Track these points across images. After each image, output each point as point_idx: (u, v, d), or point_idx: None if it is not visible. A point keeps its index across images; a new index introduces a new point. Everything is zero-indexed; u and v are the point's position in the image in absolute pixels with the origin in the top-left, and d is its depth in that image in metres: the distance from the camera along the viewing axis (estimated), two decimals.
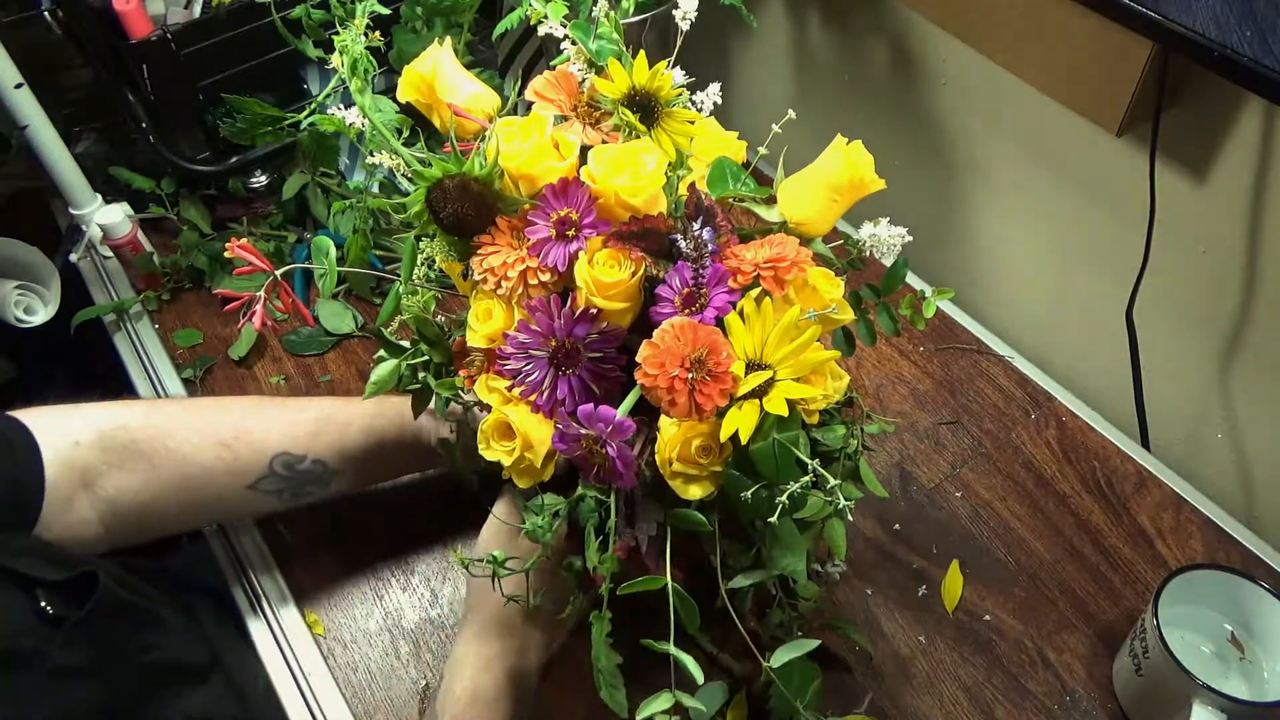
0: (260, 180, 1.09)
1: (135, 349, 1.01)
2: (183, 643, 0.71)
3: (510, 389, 0.58)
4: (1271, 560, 0.79)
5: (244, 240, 0.62)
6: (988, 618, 0.77)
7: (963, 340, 0.97)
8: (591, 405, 0.54)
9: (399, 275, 0.66)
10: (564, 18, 0.65)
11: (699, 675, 0.54)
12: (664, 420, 0.55)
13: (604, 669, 0.58)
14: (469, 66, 0.97)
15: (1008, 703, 0.72)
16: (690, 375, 0.52)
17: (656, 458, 0.56)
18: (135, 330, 1.02)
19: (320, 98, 0.93)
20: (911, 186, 1.07)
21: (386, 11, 0.88)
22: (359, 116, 0.65)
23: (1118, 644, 0.74)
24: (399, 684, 0.75)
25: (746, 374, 0.53)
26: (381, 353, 0.66)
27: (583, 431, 0.54)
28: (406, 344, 0.66)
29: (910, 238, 0.60)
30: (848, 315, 0.59)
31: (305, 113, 0.90)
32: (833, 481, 0.53)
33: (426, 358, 0.65)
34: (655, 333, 0.53)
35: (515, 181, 0.58)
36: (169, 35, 0.95)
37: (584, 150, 0.59)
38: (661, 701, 0.55)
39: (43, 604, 0.60)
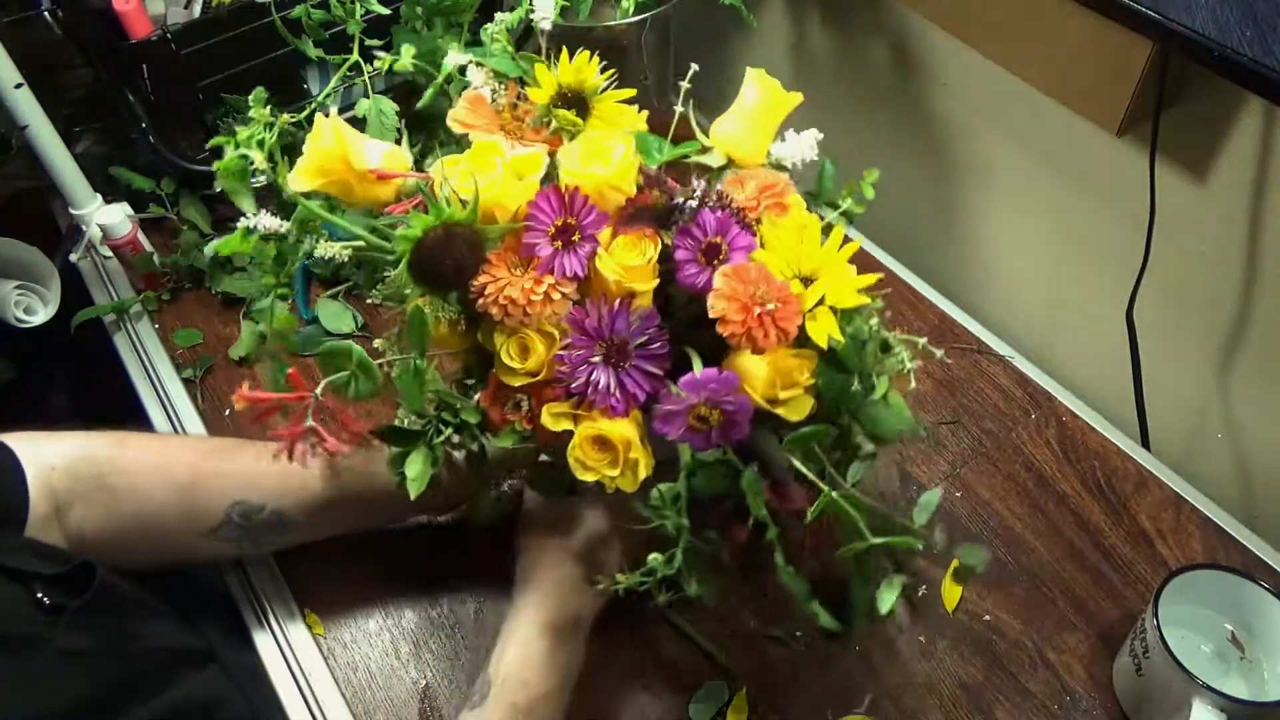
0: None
1: (135, 349, 1.01)
2: (179, 633, 0.71)
3: (581, 406, 0.57)
4: (1271, 560, 0.79)
5: (245, 388, 0.58)
6: (988, 618, 0.77)
7: (963, 340, 0.97)
8: (691, 375, 0.55)
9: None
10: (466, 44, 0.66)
11: (916, 543, 0.58)
12: (745, 361, 0.57)
13: (802, 592, 0.61)
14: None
15: (1008, 703, 0.72)
16: (771, 307, 0.54)
17: (756, 396, 0.57)
18: (135, 330, 1.02)
19: (320, 97, 0.93)
20: (911, 186, 1.07)
21: (386, 11, 0.88)
22: (278, 222, 0.60)
23: (1118, 644, 0.74)
24: (399, 684, 0.75)
25: (807, 288, 0.57)
26: (395, 449, 0.62)
27: (693, 401, 0.55)
28: (414, 428, 0.63)
29: (821, 135, 0.63)
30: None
31: (305, 113, 0.90)
32: (923, 341, 0.62)
33: (450, 430, 0.63)
34: (717, 284, 0.55)
35: (488, 213, 0.57)
36: (169, 35, 0.95)
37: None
38: (893, 588, 0.59)
39: (40, 595, 0.60)
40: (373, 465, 0.71)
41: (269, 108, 0.64)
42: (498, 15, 0.67)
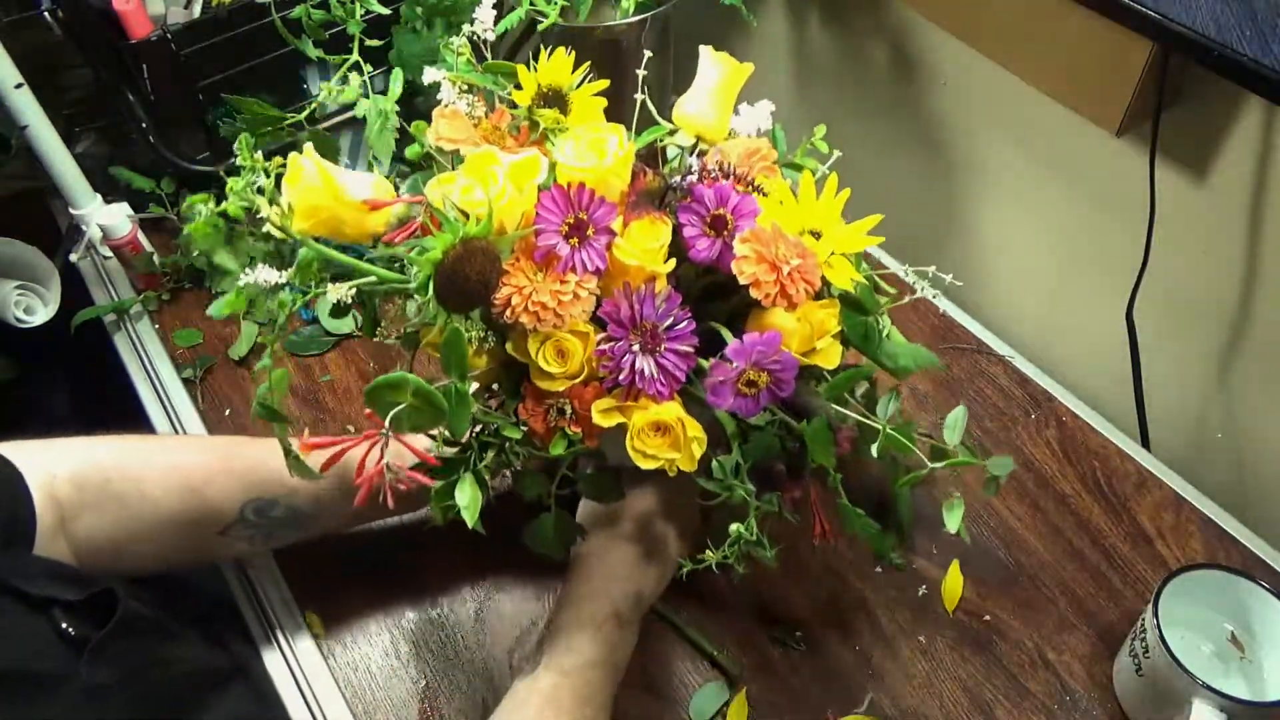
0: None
1: (135, 349, 1.01)
2: (205, 654, 0.71)
3: (629, 396, 0.58)
4: (1271, 560, 0.79)
5: (306, 435, 0.58)
6: (988, 618, 0.77)
7: (963, 340, 0.97)
8: (735, 343, 0.56)
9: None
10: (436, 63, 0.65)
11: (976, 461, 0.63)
12: (772, 320, 0.58)
13: (873, 532, 0.65)
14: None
15: (1008, 703, 0.72)
16: (795, 263, 0.56)
17: (796, 353, 0.59)
18: (135, 330, 1.02)
19: (320, 98, 0.93)
20: (911, 186, 1.07)
21: (386, 11, 0.88)
22: (276, 274, 0.56)
23: (1118, 644, 0.74)
24: (399, 684, 0.75)
25: (819, 240, 0.59)
26: (440, 482, 0.60)
27: (741, 367, 0.56)
28: (451, 453, 0.61)
29: (774, 106, 0.66)
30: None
31: (304, 113, 0.90)
32: (933, 269, 0.65)
33: (496, 449, 0.61)
34: (741, 250, 0.56)
35: (497, 223, 0.56)
36: (169, 35, 0.95)
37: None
38: (956, 508, 0.63)
39: (63, 625, 0.59)
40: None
41: (263, 146, 0.63)
42: (464, 27, 0.66)
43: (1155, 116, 0.77)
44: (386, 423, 0.53)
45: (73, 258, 1.07)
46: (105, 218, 0.99)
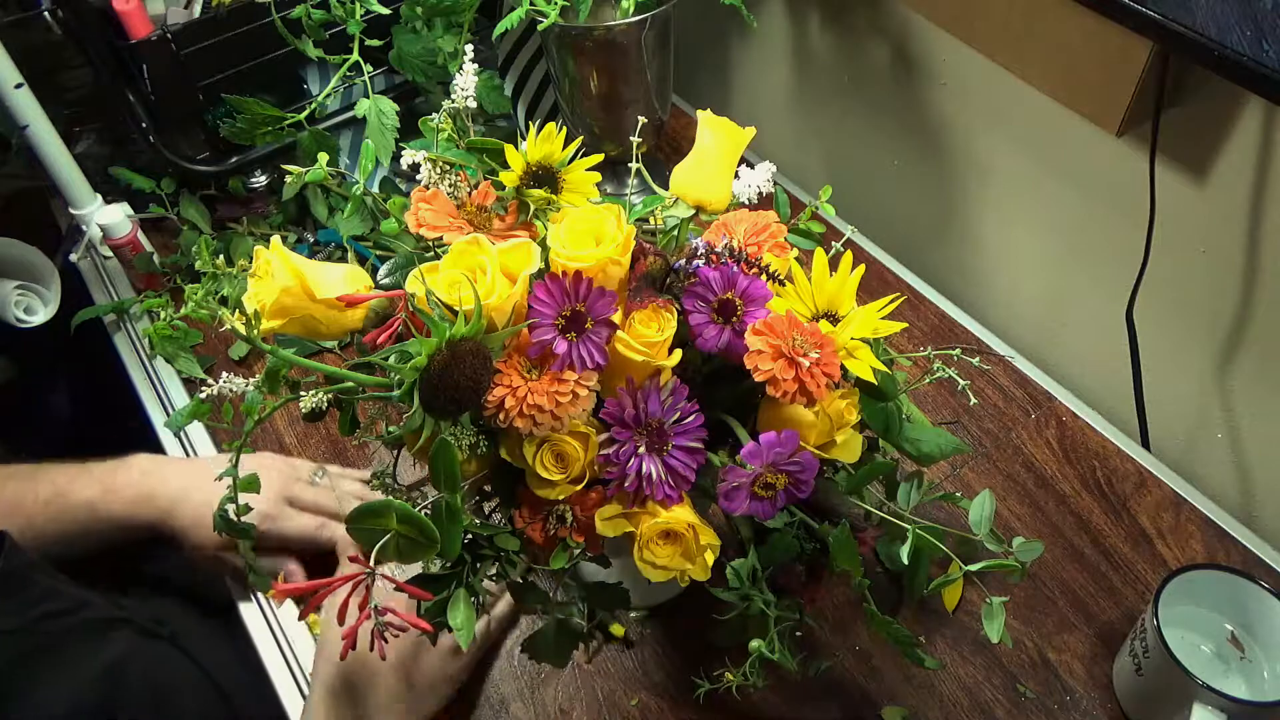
0: (260, 180, 1.09)
1: (135, 349, 1.01)
2: (106, 605, 0.71)
3: (635, 501, 0.54)
4: (1271, 560, 0.79)
5: (280, 580, 0.55)
6: None
7: (963, 340, 0.97)
8: (750, 445, 0.52)
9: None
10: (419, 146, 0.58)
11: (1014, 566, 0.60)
12: (789, 413, 0.54)
13: (905, 640, 0.61)
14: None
15: (1008, 702, 0.72)
16: (815, 355, 0.51)
17: (810, 446, 0.55)
18: (135, 330, 1.02)
19: (320, 98, 0.93)
20: (911, 186, 1.07)
21: (386, 11, 0.88)
22: (242, 382, 0.53)
23: (1118, 644, 0.74)
24: None
25: (835, 326, 0.55)
26: (428, 604, 0.55)
27: (757, 470, 0.52)
28: (442, 570, 0.56)
29: (774, 167, 0.63)
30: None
31: (305, 113, 0.90)
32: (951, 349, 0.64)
33: (493, 562, 0.58)
34: (754, 344, 0.52)
35: (486, 319, 0.51)
36: (169, 35, 0.95)
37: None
38: (996, 614, 0.59)
39: None
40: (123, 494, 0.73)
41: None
42: (444, 103, 0.60)
43: (1155, 116, 0.77)
44: (372, 558, 0.48)
45: (73, 258, 1.07)
46: (105, 218, 0.99)
